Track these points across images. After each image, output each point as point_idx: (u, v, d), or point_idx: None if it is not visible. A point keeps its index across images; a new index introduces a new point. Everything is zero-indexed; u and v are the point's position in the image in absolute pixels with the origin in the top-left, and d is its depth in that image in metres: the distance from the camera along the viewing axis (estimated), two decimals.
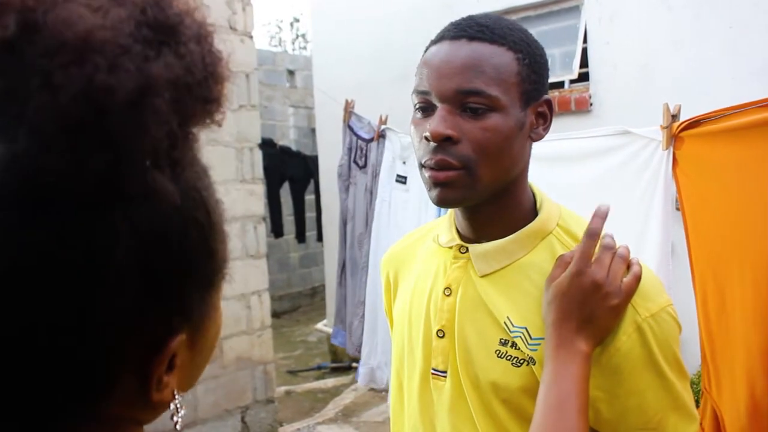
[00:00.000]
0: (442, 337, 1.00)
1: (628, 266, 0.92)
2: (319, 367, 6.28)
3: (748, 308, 1.85)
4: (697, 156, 2.05)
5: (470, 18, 0.97)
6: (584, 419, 0.85)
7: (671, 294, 2.16)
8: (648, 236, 2.23)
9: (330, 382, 5.76)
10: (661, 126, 2.13)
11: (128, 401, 0.47)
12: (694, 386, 3.33)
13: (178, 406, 0.50)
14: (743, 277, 1.87)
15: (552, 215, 0.99)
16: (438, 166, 0.90)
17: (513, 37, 0.93)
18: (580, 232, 0.96)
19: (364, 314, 3.69)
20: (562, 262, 0.92)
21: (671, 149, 2.12)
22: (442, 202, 0.93)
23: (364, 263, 3.72)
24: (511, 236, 0.97)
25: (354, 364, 5.84)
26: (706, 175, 2.00)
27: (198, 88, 0.45)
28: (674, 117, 2.12)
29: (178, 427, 0.50)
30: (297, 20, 16.91)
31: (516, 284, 0.96)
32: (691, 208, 2.02)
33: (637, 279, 0.90)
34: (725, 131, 1.92)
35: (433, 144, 0.90)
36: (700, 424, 2.00)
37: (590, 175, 2.44)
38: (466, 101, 0.90)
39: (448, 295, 1.01)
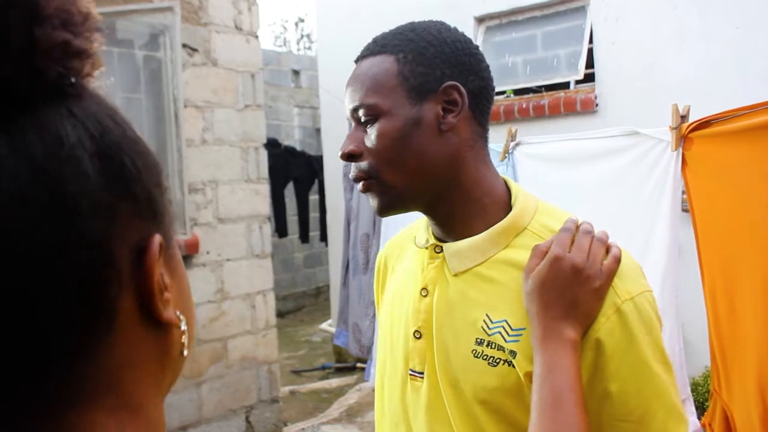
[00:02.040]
0: (419, 338, 1.00)
1: (607, 250, 0.90)
2: (323, 367, 6.28)
3: (759, 309, 1.84)
4: (706, 157, 2.04)
5: (376, 36, 1.00)
6: (583, 411, 0.82)
7: (680, 295, 2.16)
8: (656, 237, 2.22)
9: (334, 382, 5.76)
10: (670, 127, 2.12)
11: (136, 336, 0.45)
12: (700, 387, 3.32)
13: (185, 331, 0.48)
14: (753, 277, 1.86)
15: (527, 210, 0.97)
16: (355, 180, 0.97)
17: (395, 40, 0.95)
18: (558, 226, 0.94)
19: (374, 315, 3.68)
20: (538, 251, 0.90)
21: (680, 150, 2.11)
22: (377, 213, 0.98)
23: (372, 264, 3.72)
24: (484, 233, 0.95)
25: (359, 365, 5.85)
26: (716, 176, 1.99)
27: None
28: (683, 118, 2.11)
29: (185, 352, 0.48)
30: (302, 20, 16.97)
31: (492, 280, 0.94)
32: (700, 209, 2.01)
33: (617, 260, 0.89)
34: (735, 132, 1.91)
35: None
36: (710, 425, 2.00)
37: (598, 176, 2.44)
38: (358, 117, 0.95)
39: (425, 296, 1.00)
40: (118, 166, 0.44)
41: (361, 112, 0.94)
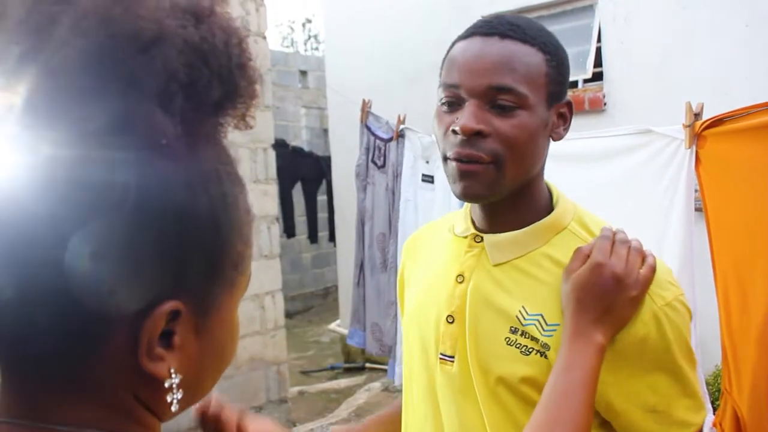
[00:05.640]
0: (452, 322, 1.02)
1: (643, 259, 0.94)
2: (332, 368, 6.28)
3: None
4: (720, 155, 2.04)
5: (501, 17, 1.00)
6: (588, 411, 0.86)
7: (693, 293, 2.15)
8: (670, 235, 2.22)
9: (343, 382, 5.77)
10: (683, 124, 2.12)
11: (119, 362, 0.47)
12: (710, 387, 3.31)
13: (174, 386, 0.50)
14: (767, 275, 1.85)
15: (567, 211, 1.02)
16: (467, 160, 0.93)
17: (543, 39, 0.97)
18: (595, 227, 1.00)
19: (396, 314, 3.68)
20: (580, 254, 0.94)
21: (694, 148, 2.11)
22: (465, 195, 0.96)
23: (391, 263, 3.70)
24: (526, 228, 0.99)
25: (368, 365, 5.86)
26: (730, 174, 1.99)
27: (215, 62, 0.48)
28: (697, 116, 2.11)
29: (173, 408, 0.51)
30: (309, 21, 16.94)
31: (530, 274, 0.98)
32: (714, 207, 2.01)
33: (653, 270, 0.93)
34: (749, 130, 1.91)
35: (461, 137, 0.92)
36: (720, 424, 1.99)
37: (611, 174, 2.44)
38: (496, 97, 0.92)
39: (461, 282, 1.03)
40: (153, 229, 0.48)
41: (506, 96, 0.92)
